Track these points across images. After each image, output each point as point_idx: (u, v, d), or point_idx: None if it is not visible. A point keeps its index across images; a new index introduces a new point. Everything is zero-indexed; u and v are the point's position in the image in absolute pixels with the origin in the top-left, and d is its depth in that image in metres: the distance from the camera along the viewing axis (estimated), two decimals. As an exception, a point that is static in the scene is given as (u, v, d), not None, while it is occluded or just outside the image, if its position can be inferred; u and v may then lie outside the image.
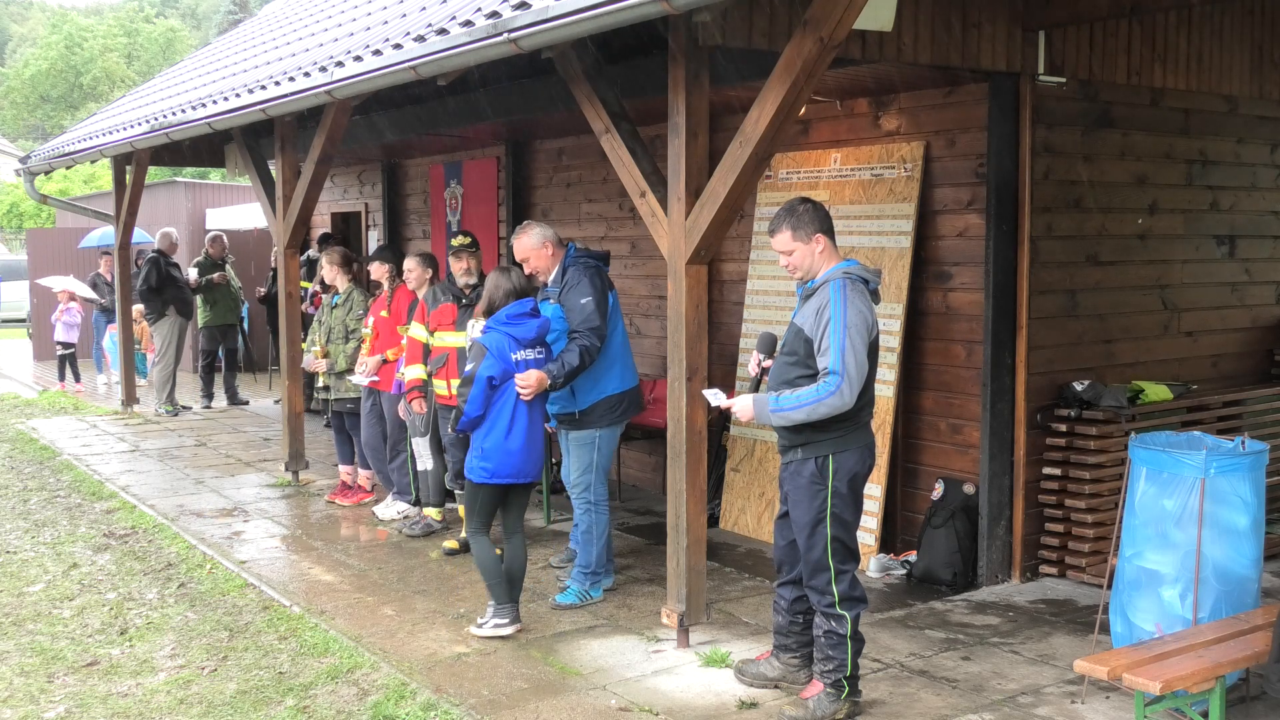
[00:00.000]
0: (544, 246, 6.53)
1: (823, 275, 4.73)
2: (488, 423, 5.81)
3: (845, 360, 4.54)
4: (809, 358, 4.67)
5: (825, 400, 4.55)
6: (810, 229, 4.73)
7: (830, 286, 4.66)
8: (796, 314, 4.82)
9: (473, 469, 5.85)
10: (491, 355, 5.79)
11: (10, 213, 40.56)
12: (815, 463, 4.72)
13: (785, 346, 4.81)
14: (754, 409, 4.73)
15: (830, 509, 4.73)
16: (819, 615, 4.85)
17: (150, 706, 5.20)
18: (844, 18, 4.77)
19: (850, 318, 4.58)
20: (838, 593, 4.76)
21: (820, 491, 4.72)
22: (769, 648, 5.32)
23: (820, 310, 4.63)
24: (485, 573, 5.91)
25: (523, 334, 5.93)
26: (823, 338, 4.59)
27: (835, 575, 4.75)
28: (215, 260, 13.75)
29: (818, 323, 4.62)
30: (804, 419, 4.61)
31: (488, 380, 5.76)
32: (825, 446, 4.70)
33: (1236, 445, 4.99)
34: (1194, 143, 7.48)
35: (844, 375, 4.54)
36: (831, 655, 4.81)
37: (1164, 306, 7.42)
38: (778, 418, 4.66)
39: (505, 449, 5.80)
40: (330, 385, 8.62)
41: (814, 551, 4.77)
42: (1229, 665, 4.32)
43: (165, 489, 9.51)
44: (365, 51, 6.81)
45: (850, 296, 4.63)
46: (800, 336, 4.71)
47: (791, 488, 4.83)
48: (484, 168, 11.32)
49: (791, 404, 4.62)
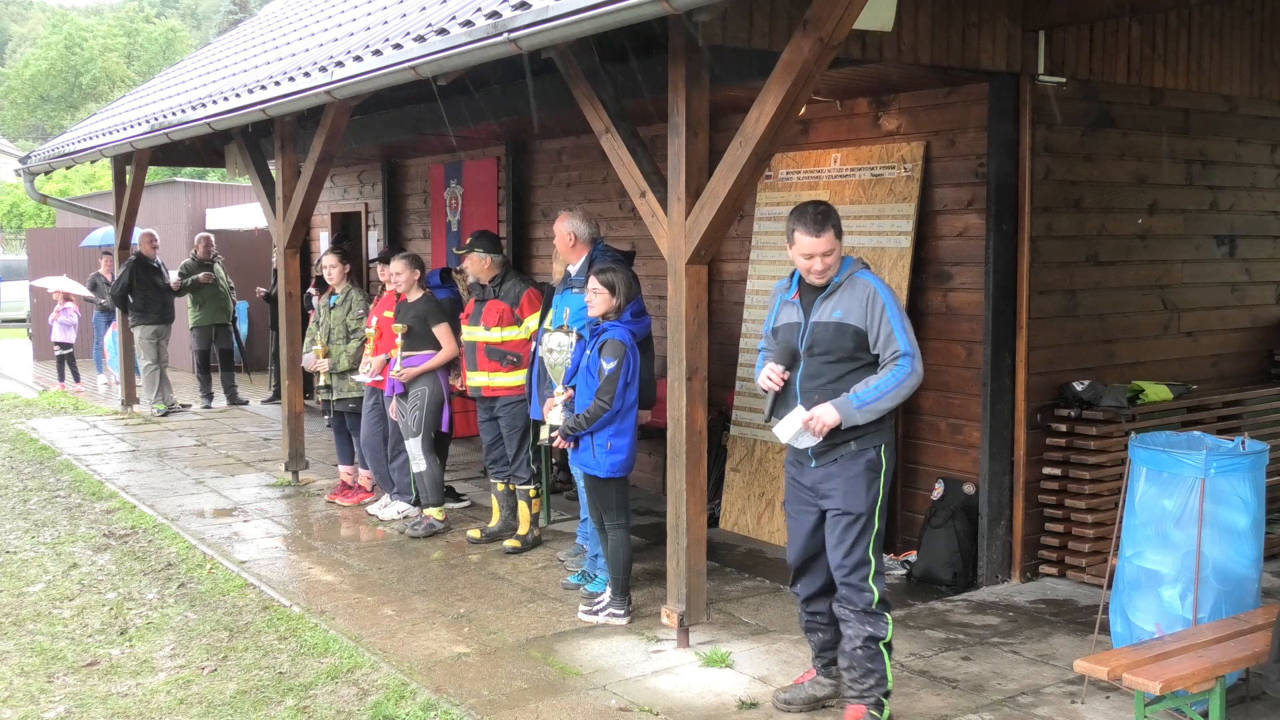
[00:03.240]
0: (567, 237, 6.69)
1: (842, 270, 4.66)
2: (621, 418, 6.01)
3: (909, 339, 4.53)
4: (858, 350, 4.57)
5: (905, 381, 4.51)
6: (840, 231, 4.67)
7: (863, 277, 4.63)
8: (814, 313, 4.65)
9: (617, 466, 6.04)
10: (630, 352, 6.00)
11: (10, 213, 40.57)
12: (874, 451, 4.61)
13: (817, 347, 4.62)
14: (839, 412, 4.52)
15: (880, 501, 4.63)
16: (854, 622, 4.63)
17: (150, 706, 5.20)
18: (844, 18, 4.77)
19: (897, 301, 4.62)
20: (877, 591, 4.62)
21: (874, 482, 4.61)
22: (807, 668, 5.09)
23: (869, 300, 4.56)
24: (623, 566, 6.13)
25: (640, 331, 6.16)
26: (880, 324, 4.54)
27: (874, 572, 4.62)
28: (203, 261, 13.75)
29: (869, 313, 4.55)
30: (890, 405, 4.54)
31: (623, 376, 5.96)
32: (879, 437, 4.62)
33: (1236, 445, 4.99)
34: (1194, 143, 7.48)
35: (914, 354, 4.52)
36: (872, 669, 4.62)
37: (1164, 306, 7.42)
38: (865, 412, 4.51)
39: (633, 443, 6.09)
40: (331, 385, 8.63)
41: (858, 547, 4.60)
42: (1229, 665, 4.32)
43: (165, 489, 9.51)
44: (365, 51, 6.81)
45: (885, 283, 4.67)
46: (844, 331, 4.57)
47: (839, 482, 4.63)
48: (484, 168, 11.32)
49: (874, 395, 4.51)
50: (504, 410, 7.37)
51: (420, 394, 7.83)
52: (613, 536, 6.14)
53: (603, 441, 5.98)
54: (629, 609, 6.14)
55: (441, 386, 7.95)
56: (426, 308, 7.93)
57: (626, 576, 6.16)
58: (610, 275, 6.06)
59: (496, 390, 7.35)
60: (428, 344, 7.88)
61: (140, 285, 13.17)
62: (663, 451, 6.15)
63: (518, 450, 7.40)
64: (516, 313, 7.32)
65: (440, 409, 7.94)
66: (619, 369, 5.92)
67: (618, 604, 6.13)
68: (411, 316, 7.90)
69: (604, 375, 5.93)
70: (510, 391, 7.32)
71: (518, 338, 7.30)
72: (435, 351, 7.87)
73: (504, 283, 7.38)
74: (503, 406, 7.37)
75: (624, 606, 6.12)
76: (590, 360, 6.05)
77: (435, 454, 8.00)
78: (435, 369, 7.89)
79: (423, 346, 7.87)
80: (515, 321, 7.31)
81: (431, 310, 7.92)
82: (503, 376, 7.31)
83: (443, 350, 7.87)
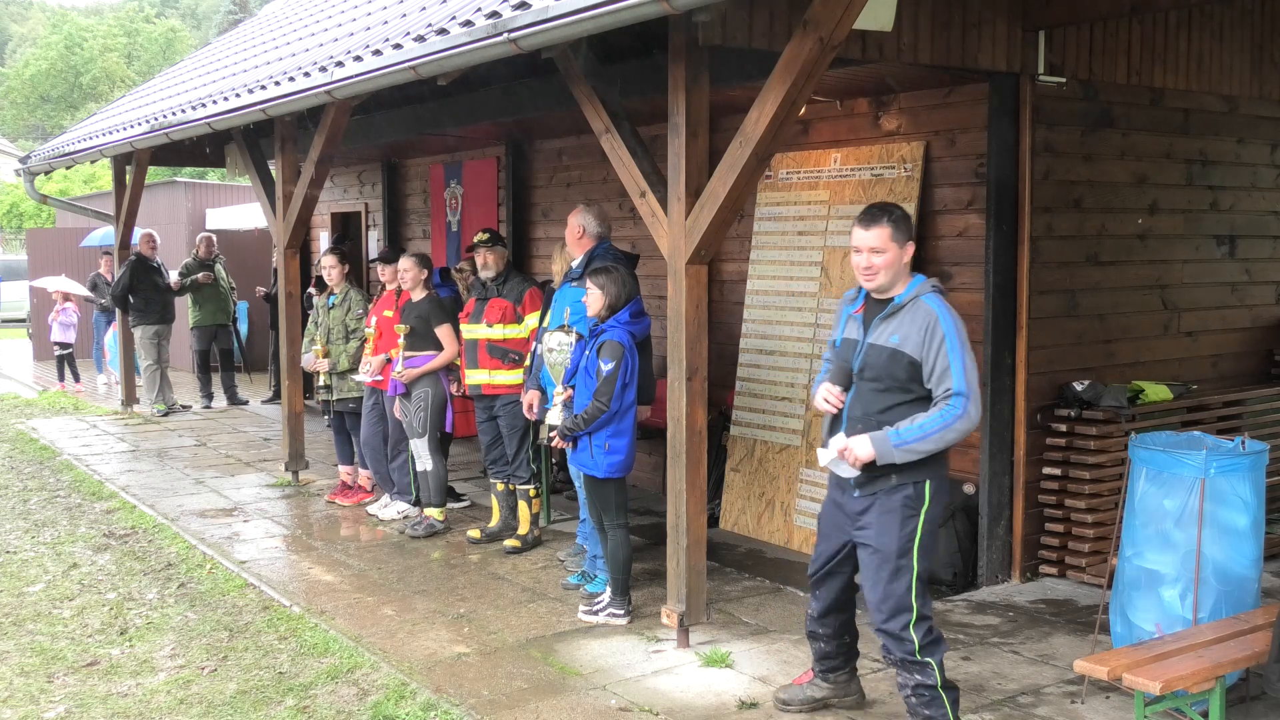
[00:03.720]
0: (577, 229, 6.74)
1: (908, 290, 4.31)
2: (619, 419, 6.00)
3: (968, 378, 4.17)
4: (911, 382, 4.24)
5: (953, 425, 4.15)
6: (906, 234, 4.32)
7: (929, 301, 4.26)
8: (871, 334, 4.34)
9: (615, 466, 6.03)
10: (629, 353, 6.00)
11: (10, 213, 40.57)
12: (913, 487, 4.28)
13: (868, 372, 4.32)
14: (874, 448, 4.21)
15: (920, 538, 4.29)
16: (900, 672, 4.36)
17: (150, 706, 5.20)
18: (844, 18, 4.77)
19: (961, 333, 4.23)
20: (918, 639, 4.28)
21: (912, 518, 4.28)
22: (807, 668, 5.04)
23: (929, 329, 4.20)
24: (623, 566, 6.13)
25: (640, 332, 6.16)
26: (938, 358, 4.19)
27: (916, 618, 4.29)
28: (204, 260, 13.76)
29: (927, 343, 4.20)
30: (933, 448, 4.19)
31: (621, 377, 5.96)
32: (925, 472, 4.27)
33: (1236, 445, 4.99)
34: (1194, 143, 7.48)
35: (969, 395, 4.16)
36: (931, 716, 4.32)
37: (1164, 306, 7.42)
38: (903, 453, 4.18)
39: (632, 444, 6.09)
40: (331, 385, 8.63)
41: (894, 591, 4.29)
42: (1229, 665, 4.32)
43: (165, 489, 9.51)
44: (365, 51, 6.81)
45: (951, 310, 4.28)
46: (898, 360, 4.24)
47: (874, 516, 4.34)
48: (484, 168, 11.32)
49: (915, 434, 4.17)
50: (503, 409, 7.37)
51: (424, 395, 7.83)
52: (612, 536, 6.14)
53: (600, 442, 5.98)
54: (629, 609, 6.14)
55: (444, 386, 7.95)
56: (430, 308, 7.92)
57: (626, 576, 6.16)
58: (602, 275, 6.07)
59: (496, 388, 7.36)
60: (430, 344, 7.87)
61: (140, 285, 13.18)
62: (663, 451, 6.15)
63: (517, 450, 7.41)
64: (519, 310, 7.33)
65: (444, 409, 7.94)
66: (617, 370, 5.92)
67: (618, 604, 6.13)
68: (415, 316, 7.90)
69: (602, 376, 5.93)
70: (510, 390, 7.32)
71: (519, 336, 7.31)
72: (437, 352, 7.87)
73: (506, 281, 7.40)
74: (502, 406, 7.37)
75: (624, 606, 6.13)
76: (589, 361, 6.06)
77: (441, 454, 8.00)
78: (437, 370, 7.89)
79: (425, 347, 7.87)
80: (517, 319, 7.32)
81: (435, 311, 7.92)
82: (503, 374, 7.32)
83: (445, 351, 7.86)
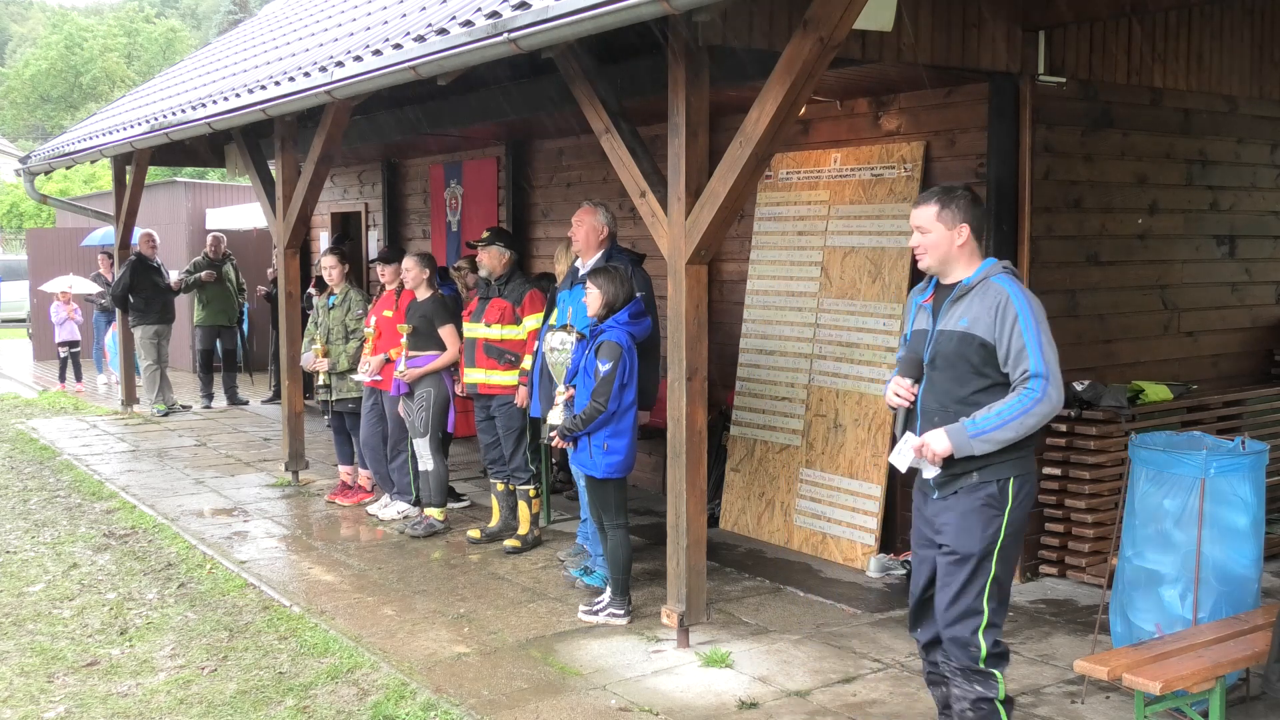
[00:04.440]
0: (600, 229, 6.69)
1: (977, 272, 4.11)
2: (618, 419, 5.99)
3: (1046, 358, 3.93)
4: (984, 366, 4.00)
5: (1033, 409, 3.89)
6: (958, 215, 4.13)
7: (1000, 281, 4.05)
8: (941, 320, 4.13)
9: (614, 466, 6.02)
10: (626, 354, 5.99)
11: (10, 213, 40.57)
12: (996, 485, 4.01)
13: (939, 360, 4.08)
14: (950, 440, 3.97)
15: (1002, 541, 4.02)
16: (960, 681, 4.11)
17: (150, 706, 5.20)
18: (844, 18, 4.77)
19: (1036, 311, 4.00)
20: (985, 645, 4.04)
21: (995, 519, 4.01)
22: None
23: (1000, 308, 3.98)
24: (623, 566, 6.13)
25: (640, 332, 6.16)
26: (1011, 338, 3.95)
27: (987, 624, 4.04)
28: (213, 260, 13.76)
29: (999, 323, 3.97)
30: (1014, 436, 3.93)
31: (619, 377, 5.95)
32: (1008, 468, 4.01)
33: (1236, 445, 4.99)
34: (1194, 143, 7.48)
35: (1049, 376, 3.92)
36: None
37: (1164, 306, 7.42)
38: (982, 443, 3.94)
39: (631, 444, 6.08)
40: (331, 385, 8.63)
41: (967, 592, 4.04)
42: (1229, 665, 4.32)
43: (165, 489, 9.51)
44: (365, 51, 6.81)
45: (1025, 289, 4.08)
46: (972, 343, 4.01)
47: (954, 516, 4.07)
48: (484, 168, 11.32)
49: (994, 423, 3.92)
50: (500, 410, 7.37)
51: (426, 395, 7.83)
52: (612, 536, 6.14)
53: (600, 442, 5.98)
54: (629, 609, 6.14)
55: (446, 387, 7.95)
56: (434, 308, 7.91)
57: (626, 576, 6.16)
58: (601, 275, 6.07)
59: (493, 388, 7.36)
60: (432, 344, 7.87)
61: (140, 285, 13.18)
62: (663, 451, 6.15)
63: (515, 450, 7.41)
64: (518, 311, 7.32)
65: (446, 409, 7.94)
66: (614, 371, 5.91)
67: (618, 604, 6.13)
68: (419, 316, 7.89)
69: (599, 377, 5.93)
70: (506, 390, 7.32)
71: (516, 337, 7.30)
72: (439, 352, 7.86)
73: (509, 281, 7.40)
74: (499, 406, 7.37)
75: (624, 606, 6.13)
76: (589, 361, 6.06)
77: (443, 454, 8.00)
78: (439, 370, 7.89)
79: (427, 347, 7.86)
80: (515, 320, 7.32)
81: (438, 311, 7.91)
82: (500, 375, 7.32)
83: (447, 352, 7.86)
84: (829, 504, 7.26)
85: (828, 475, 7.29)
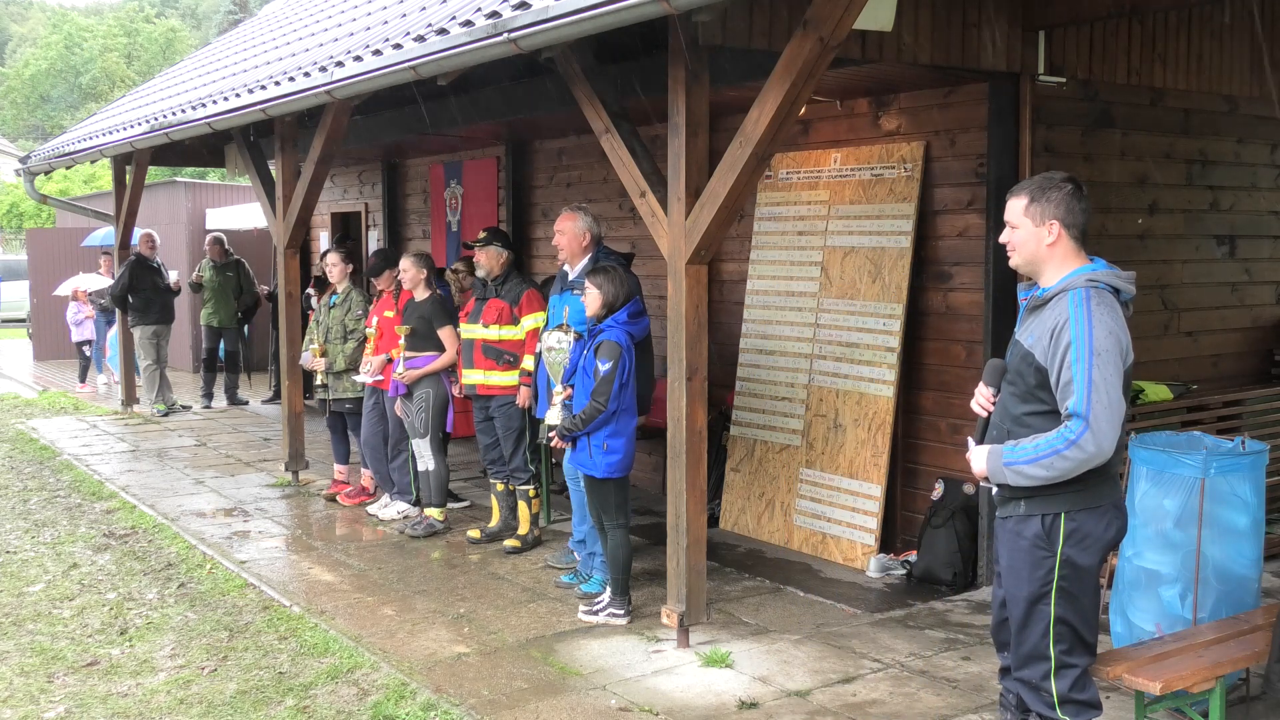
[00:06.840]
0: (582, 235, 6.72)
1: (1059, 282, 3.68)
2: (619, 419, 6.00)
3: (1093, 399, 3.48)
4: (1040, 389, 3.65)
5: (1065, 453, 3.52)
6: (1049, 210, 3.70)
7: (1069, 298, 3.60)
8: (1019, 329, 3.80)
9: (613, 466, 6.02)
10: (625, 353, 6.00)
11: (10, 213, 40.56)
12: (1041, 521, 3.68)
13: (1009, 373, 3.79)
14: (988, 463, 3.73)
15: (1057, 583, 3.67)
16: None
17: (150, 706, 5.20)
18: (844, 18, 4.77)
19: (1098, 340, 3.51)
20: (1057, 692, 3.73)
21: (1046, 560, 3.67)
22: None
23: (1057, 330, 3.58)
24: (623, 566, 6.13)
25: (639, 332, 6.16)
26: (1061, 368, 3.55)
27: (1056, 668, 3.73)
28: (216, 262, 13.76)
29: (1053, 347, 3.58)
30: (1046, 475, 3.58)
31: (619, 377, 5.95)
32: (1058, 502, 3.64)
33: (1236, 445, 4.99)
34: (1194, 143, 7.48)
35: (1089, 420, 3.48)
36: None
37: (1164, 306, 7.42)
38: (1014, 474, 3.64)
39: (630, 443, 6.09)
40: (329, 385, 8.63)
41: (1029, 635, 3.75)
42: (1229, 665, 4.32)
43: (165, 489, 9.51)
44: (365, 51, 6.81)
45: (1096, 311, 3.56)
46: (1029, 363, 3.66)
47: (1007, 551, 3.79)
48: (484, 168, 11.32)
49: (1026, 457, 3.61)
50: (499, 410, 7.37)
51: (425, 396, 7.83)
52: (612, 536, 6.14)
53: (599, 442, 5.98)
54: (629, 609, 6.14)
55: (446, 387, 7.95)
56: (433, 309, 7.91)
57: (626, 576, 6.16)
58: (600, 275, 6.07)
59: (491, 389, 7.36)
60: (431, 345, 7.86)
61: (140, 285, 13.17)
62: (663, 451, 6.15)
63: (514, 450, 7.41)
64: (515, 312, 7.32)
65: (446, 409, 7.94)
66: (614, 370, 5.91)
67: (618, 604, 6.13)
68: (417, 317, 7.89)
69: (599, 377, 5.94)
70: (505, 390, 7.32)
71: (515, 337, 7.30)
72: (438, 353, 7.86)
73: (506, 281, 7.40)
74: (498, 406, 7.37)
75: (624, 606, 6.13)
76: (587, 360, 6.06)
77: (443, 454, 8.00)
78: (438, 371, 7.89)
79: (426, 347, 7.86)
80: (513, 320, 7.31)
81: (437, 312, 7.90)
82: (498, 375, 7.32)
83: (446, 353, 7.86)
84: (829, 504, 7.26)
85: (828, 475, 7.29)
